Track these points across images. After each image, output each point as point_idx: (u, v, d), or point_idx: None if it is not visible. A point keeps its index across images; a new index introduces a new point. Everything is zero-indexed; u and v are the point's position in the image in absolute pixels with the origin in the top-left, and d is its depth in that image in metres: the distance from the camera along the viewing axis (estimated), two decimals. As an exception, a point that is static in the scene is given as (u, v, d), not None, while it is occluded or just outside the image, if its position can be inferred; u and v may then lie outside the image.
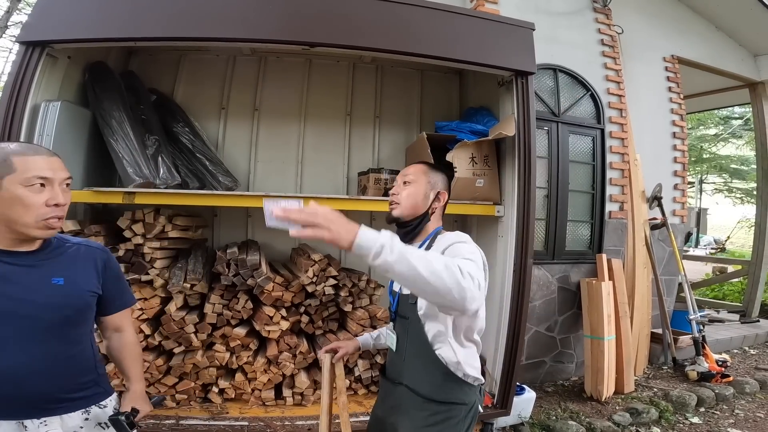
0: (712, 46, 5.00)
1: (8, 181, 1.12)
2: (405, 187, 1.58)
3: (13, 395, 1.14)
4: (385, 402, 1.59)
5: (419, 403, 1.44)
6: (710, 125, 15.53)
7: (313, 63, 3.55)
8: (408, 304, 1.50)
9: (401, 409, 1.48)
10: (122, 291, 1.44)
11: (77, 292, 1.26)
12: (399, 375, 1.53)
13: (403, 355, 1.51)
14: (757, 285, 5.61)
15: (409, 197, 1.55)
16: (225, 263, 2.64)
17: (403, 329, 1.53)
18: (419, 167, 1.63)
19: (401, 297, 1.54)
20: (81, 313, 1.28)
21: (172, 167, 2.84)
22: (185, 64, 3.38)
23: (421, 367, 1.46)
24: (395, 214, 1.57)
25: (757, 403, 3.61)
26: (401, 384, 1.50)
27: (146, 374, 2.50)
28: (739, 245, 16.22)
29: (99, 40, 2.34)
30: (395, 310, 1.56)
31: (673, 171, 4.60)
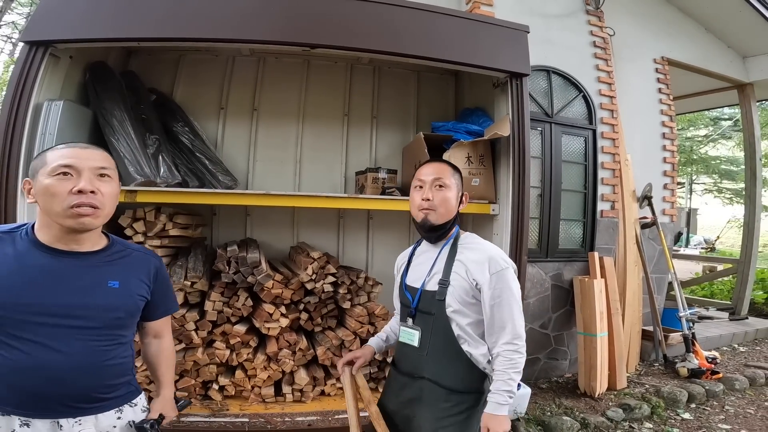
0: (702, 47, 5.09)
1: (41, 174, 1.18)
2: (439, 192, 1.57)
3: (55, 393, 1.16)
4: (399, 396, 1.60)
5: (443, 394, 1.51)
6: (700, 126, 15.75)
7: (311, 64, 3.59)
8: (435, 301, 1.53)
9: (422, 402, 1.54)
10: (168, 298, 1.47)
11: (130, 296, 1.29)
12: (419, 369, 1.55)
13: (426, 350, 1.54)
14: (746, 283, 5.72)
15: (445, 202, 1.57)
16: (225, 261, 2.66)
17: (426, 324, 1.56)
18: (448, 169, 1.62)
19: (424, 293, 1.57)
20: (131, 317, 1.32)
21: (173, 166, 2.86)
22: (185, 64, 3.41)
23: (446, 361, 1.53)
24: (433, 221, 1.57)
25: (747, 400, 3.68)
26: (422, 378, 1.54)
27: (146, 372, 2.47)
28: (728, 245, 16.45)
29: (101, 40, 2.37)
30: (416, 306, 1.58)
31: (663, 171, 4.69)
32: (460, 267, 1.54)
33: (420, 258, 1.67)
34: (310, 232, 3.48)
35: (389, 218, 3.50)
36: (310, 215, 3.48)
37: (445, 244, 1.61)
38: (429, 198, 1.56)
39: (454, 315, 1.51)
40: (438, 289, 1.53)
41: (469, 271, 1.52)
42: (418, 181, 1.61)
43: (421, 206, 1.58)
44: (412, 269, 1.67)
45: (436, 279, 1.56)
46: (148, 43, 2.59)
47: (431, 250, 1.65)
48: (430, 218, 1.57)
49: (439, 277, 1.55)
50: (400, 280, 1.69)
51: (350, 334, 2.83)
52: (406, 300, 1.62)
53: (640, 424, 3.21)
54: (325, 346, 2.83)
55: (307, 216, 3.48)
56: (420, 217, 1.59)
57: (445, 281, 1.53)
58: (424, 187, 1.59)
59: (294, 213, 3.49)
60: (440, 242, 1.62)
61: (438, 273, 1.57)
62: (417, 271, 1.64)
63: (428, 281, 1.58)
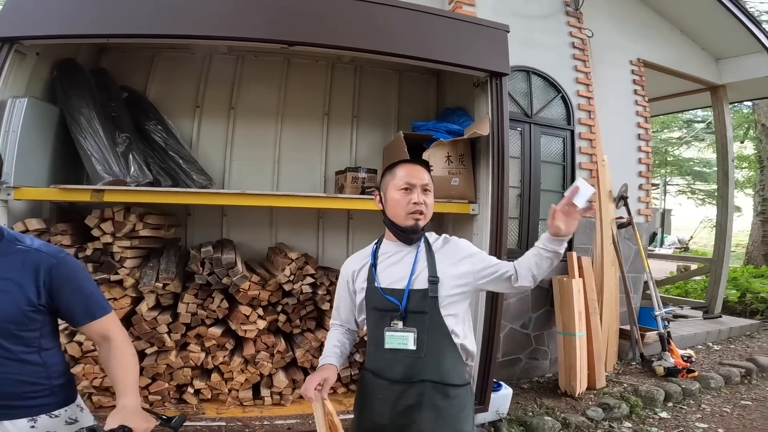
0: (676, 49, 5.20)
1: None
2: (428, 196, 1.59)
3: None
4: (396, 406, 1.51)
5: (444, 392, 1.50)
6: (674, 128, 16.18)
7: (291, 62, 3.54)
8: (427, 299, 1.51)
9: (422, 406, 1.49)
10: (87, 301, 1.30)
11: (12, 301, 1.16)
12: (418, 372, 1.50)
13: (424, 351, 1.51)
14: (719, 282, 5.85)
15: (432, 207, 1.61)
16: (199, 262, 2.61)
17: (420, 325, 1.52)
18: (427, 173, 1.64)
19: (413, 293, 1.53)
20: (17, 324, 1.18)
21: (144, 165, 2.79)
22: (159, 61, 3.31)
23: (443, 358, 1.52)
24: (423, 226, 1.59)
25: (723, 398, 3.74)
26: (422, 381, 1.50)
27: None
28: (701, 245, 16.91)
29: (69, 37, 2.28)
30: (405, 308, 1.52)
31: (638, 171, 4.76)
32: (444, 262, 1.57)
33: (390, 260, 1.61)
34: (289, 233, 3.42)
35: (369, 218, 3.46)
36: (289, 215, 3.42)
37: (420, 243, 1.61)
38: (420, 202, 1.56)
39: (447, 310, 1.52)
40: (429, 287, 1.51)
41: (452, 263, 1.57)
42: (405, 183, 1.57)
43: (412, 210, 1.55)
44: (384, 272, 1.59)
45: (423, 277, 1.53)
46: (120, 40, 2.52)
47: (404, 250, 1.61)
48: (421, 223, 1.57)
49: (427, 274, 1.53)
50: (367, 285, 1.60)
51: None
52: (389, 304, 1.54)
53: (620, 424, 3.24)
54: (304, 348, 2.80)
55: (286, 216, 3.42)
56: (410, 221, 1.56)
57: (434, 278, 1.52)
58: (413, 190, 1.56)
59: (272, 213, 3.42)
60: (415, 242, 1.61)
61: (423, 271, 1.54)
62: (393, 274, 1.58)
63: (414, 280, 1.54)
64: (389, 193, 1.60)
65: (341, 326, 1.74)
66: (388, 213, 1.61)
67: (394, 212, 1.58)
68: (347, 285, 1.68)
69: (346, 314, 1.72)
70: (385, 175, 1.66)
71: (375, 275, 1.58)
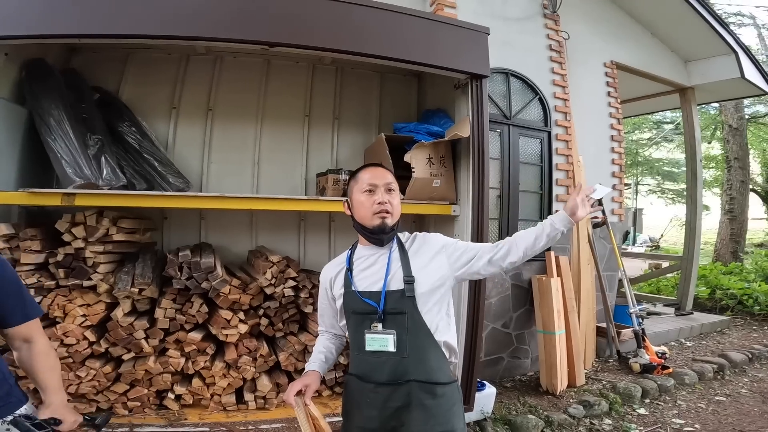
0: (648, 52, 5.33)
1: None
2: (392, 196, 1.62)
3: None
4: (385, 409, 1.50)
5: (432, 392, 1.50)
6: (644, 129, 16.67)
7: (271, 63, 3.49)
8: (405, 299, 1.51)
9: (410, 407, 1.49)
10: (18, 304, 1.35)
11: None
12: (403, 373, 1.51)
13: (406, 351, 1.51)
14: (689, 279, 6.02)
15: (398, 206, 1.63)
16: (177, 266, 2.56)
17: (400, 326, 1.52)
18: (390, 174, 1.67)
19: (389, 294, 1.53)
20: None
21: (117, 168, 2.70)
22: (133, 62, 3.22)
23: (427, 358, 1.52)
24: (390, 224, 1.60)
25: (697, 394, 3.84)
26: (408, 381, 1.50)
27: (93, 382, 2.40)
28: (671, 243, 17.46)
29: (39, 37, 2.18)
30: (384, 309, 1.52)
31: (612, 172, 4.87)
32: (418, 260, 1.58)
33: (365, 263, 1.62)
34: (270, 236, 3.37)
35: (351, 221, 3.44)
36: (270, 218, 3.37)
37: (393, 244, 1.62)
38: (385, 201, 1.58)
39: (426, 307, 1.53)
40: (405, 287, 1.52)
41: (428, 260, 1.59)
42: (368, 185, 1.60)
43: (377, 210, 1.57)
44: (359, 276, 1.60)
45: (398, 277, 1.54)
46: (91, 40, 2.43)
47: (378, 252, 1.62)
48: (388, 221, 1.58)
49: (402, 274, 1.54)
50: (344, 290, 1.61)
51: (313, 338, 2.77)
52: (367, 307, 1.55)
53: (600, 421, 3.30)
54: (287, 352, 2.77)
55: (267, 219, 3.37)
56: (376, 221, 1.58)
57: (409, 277, 1.53)
58: (376, 191, 1.59)
59: (252, 216, 3.37)
60: (388, 243, 1.62)
61: (398, 271, 1.55)
62: (368, 277, 1.59)
63: (390, 281, 1.55)
64: (354, 196, 1.63)
65: (327, 332, 1.77)
66: (356, 217, 1.64)
67: (361, 214, 1.61)
68: (326, 292, 1.71)
69: (330, 320, 1.74)
70: (350, 182, 1.69)
71: (351, 280, 1.60)
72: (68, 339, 2.37)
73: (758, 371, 4.40)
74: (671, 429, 3.20)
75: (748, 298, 6.52)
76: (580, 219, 1.58)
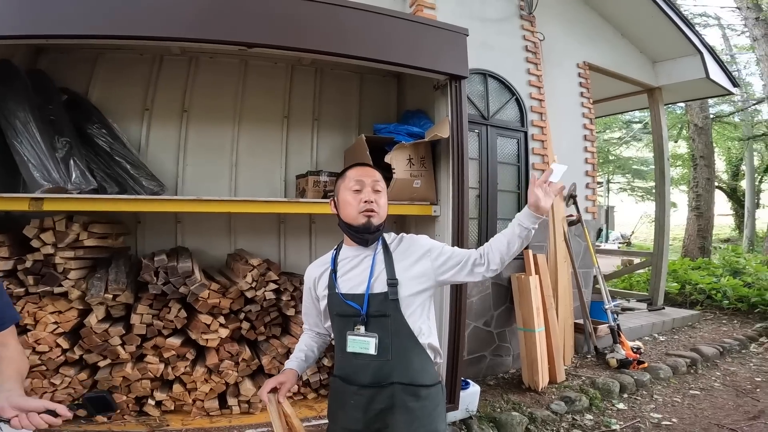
0: (618, 53, 5.46)
1: None
2: (379, 195, 1.60)
3: None
4: (368, 411, 1.50)
5: (415, 394, 1.50)
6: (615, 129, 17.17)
7: (249, 64, 3.42)
8: (387, 301, 1.51)
9: (394, 409, 1.49)
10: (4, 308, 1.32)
11: None
12: (386, 376, 1.50)
13: (389, 354, 1.50)
14: (659, 275, 6.19)
15: (384, 206, 1.62)
16: (153, 271, 2.50)
17: (383, 328, 1.51)
18: (378, 173, 1.66)
19: (372, 297, 1.52)
20: None
21: (87, 171, 2.61)
22: (103, 63, 3.11)
23: (412, 359, 1.52)
24: (376, 223, 1.58)
25: (672, 388, 3.95)
26: (392, 384, 1.49)
27: (68, 389, 2.35)
28: (642, 239, 18.02)
29: (4, 38, 2.07)
30: (366, 312, 1.51)
31: (585, 171, 4.99)
32: (402, 261, 1.57)
33: (349, 264, 1.61)
34: (249, 239, 3.31)
35: (333, 222, 3.36)
36: (249, 221, 3.31)
37: (377, 245, 1.61)
38: (372, 200, 1.57)
39: (410, 310, 1.52)
40: (389, 289, 1.51)
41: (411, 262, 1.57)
42: (355, 183, 1.59)
43: (363, 208, 1.56)
44: (343, 278, 1.59)
45: (382, 279, 1.53)
46: (59, 41, 2.33)
47: (362, 254, 1.61)
48: (374, 220, 1.57)
49: (385, 277, 1.53)
50: (328, 292, 1.60)
51: (296, 341, 2.68)
52: (350, 310, 1.54)
53: (582, 416, 3.36)
54: (270, 355, 2.75)
55: (245, 222, 3.32)
56: (362, 219, 1.57)
57: (393, 280, 1.52)
58: (363, 189, 1.58)
59: (230, 219, 3.31)
60: (372, 244, 1.61)
61: (382, 273, 1.54)
62: (352, 278, 1.58)
63: (374, 284, 1.54)
64: (341, 195, 1.63)
65: (310, 330, 1.77)
66: (342, 215, 1.63)
67: (346, 213, 1.60)
68: (310, 292, 1.70)
69: (314, 320, 1.74)
70: (337, 181, 1.68)
71: (335, 281, 1.59)
72: (40, 347, 2.30)
73: (729, 365, 4.53)
74: (650, 423, 3.28)
75: (716, 293, 6.75)
76: (546, 210, 1.53)
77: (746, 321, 6.02)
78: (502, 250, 1.55)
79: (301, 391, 2.85)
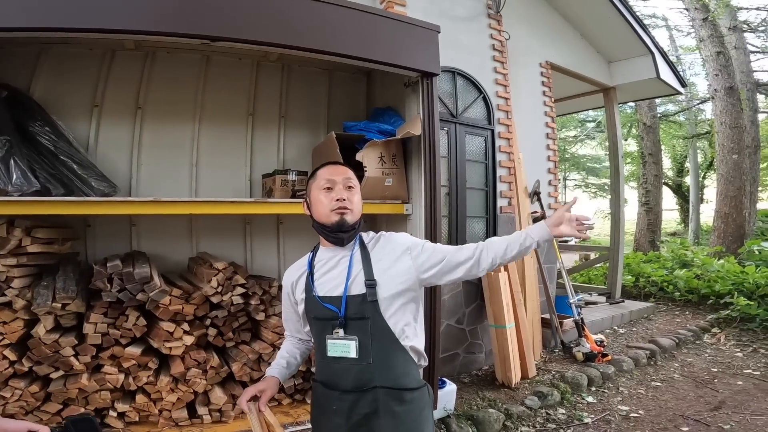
0: (577, 53, 5.62)
1: None
2: (352, 192, 1.55)
3: None
4: (352, 416, 1.45)
5: (399, 397, 1.45)
6: (570, 128, 17.82)
7: (211, 60, 3.24)
8: (366, 303, 1.44)
9: (378, 414, 1.44)
10: None
11: None
12: (368, 380, 1.45)
13: (370, 357, 1.44)
14: (616, 269, 6.41)
15: (358, 203, 1.57)
16: (106, 278, 2.32)
17: (362, 332, 1.45)
18: (350, 170, 1.60)
19: (350, 299, 1.46)
20: None
21: (29, 171, 2.38)
22: (47, 57, 2.85)
23: (393, 363, 1.46)
24: (350, 221, 1.52)
25: (636, 380, 4.08)
26: (374, 388, 1.44)
27: (20, 402, 2.18)
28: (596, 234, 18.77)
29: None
30: (345, 315, 1.45)
31: (547, 168, 5.09)
32: (380, 261, 1.51)
33: (326, 266, 1.55)
34: (213, 242, 3.14)
35: (301, 222, 3.27)
36: (212, 223, 3.14)
37: (354, 245, 1.56)
38: (345, 197, 1.52)
39: (391, 311, 1.46)
40: (367, 291, 1.45)
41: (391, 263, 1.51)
42: (326, 181, 1.54)
43: (335, 207, 1.51)
44: (320, 280, 1.53)
45: (360, 281, 1.47)
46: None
47: (339, 255, 1.55)
48: (347, 218, 1.51)
49: (363, 278, 1.47)
50: (305, 296, 1.54)
51: (268, 346, 2.66)
52: (327, 313, 1.48)
53: (555, 411, 3.41)
54: (241, 362, 2.63)
55: (208, 224, 3.14)
56: (334, 218, 1.51)
57: (371, 280, 1.46)
58: (334, 187, 1.53)
59: (192, 221, 3.12)
60: (349, 244, 1.56)
61: (359, 274, 1.48)
62: (329, 280, 1.52)
63: (351, 285, 1.48)
64: (312, 195, 1.57)
65: (292, 337, 1.71)
66: (314, 215, 1.57)
67: (319, 213, 1.54)
68: (289, 297, 1.64)
69: (294, 325, 1.68)
70: (308, 181, 1.63)
71: (312, 284, 1.53)
72: (-15, 359, 2.09)
73: (686, 356, 4.74)
74: (618, 416, 3.37)
75: (668, 285, 7.08)
76: (561, 235, 1.50)
77: (698, 312, 6.32)
78: (499, 251, 1.51)
79: (275, 397, 2.74)
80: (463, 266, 1.52)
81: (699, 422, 3.24)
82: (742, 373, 4.21)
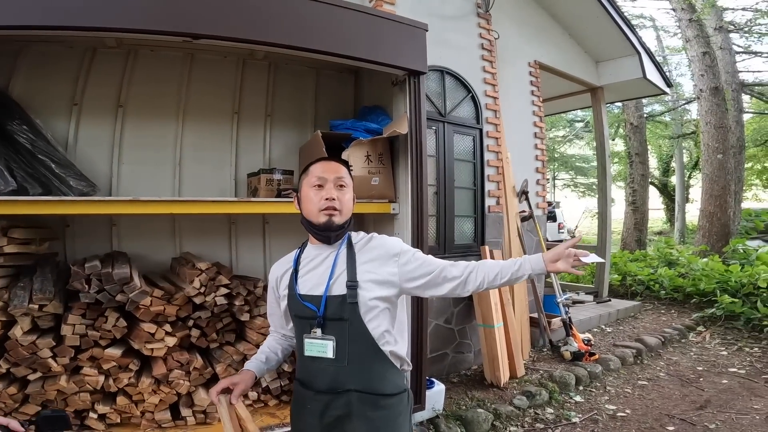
0: (565, 52, 5.64)
1: None
2: (342, 192, 1.52)
3: None
4: (324, 417, 1.43)
5: (374, 402, 1.42)
6: (559, 127, 17.96)
7: (195, 58, 3.18)
8: (346, 305, 1.42)
9: (351, 417, 1.42)
10: None
11: None
12: (342, 382, 1.43)
13: (346, 359, 1.42)
14: (603, 268, 6.48)
15: (348, 203, 1.55)
16: (84, 279, 2.26)
17: (340, 332, 1.43)
18: (345, 168, 1.58)
19: (330, 299, 1.43)
20: None
21: (5, 170, 2.33)
22: (27, 55, 2.77)
23: (371, 366, 1.44)
24: (338, 222, 1.50)
25: (623, 379, 4.10)
26: (348, 391, 1.42)
27: None
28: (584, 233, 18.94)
29: None
30: (323, 315, 1.43)
31: (536, 168, 5.11)
32: (366, 263, 1.49)
33: (311, 264, 1.53)
34: (196, 242, 3.09)
35: (287, 222, 3.25)
36: (195, 222, 3.09)
37: (341, 244, 1.53)
38: (334, 197, 1.49)
39: (370, 315, 1.43)
40: (347, 292, 1.43)
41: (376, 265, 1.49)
42: (317, 179, 1.51)
43: (324, 206, 1.48)
44: (303, 278, 1.51)
45: (341, 281, 1.45)
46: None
47: (324, 253, 1.53)
48: (335, 219, 1.49)
49: (345, 279, 1.45)
50: (288, 293, 1.52)
51: (252, 347, 2.61)
52: (307, 311, 1.46)
53: (543, 410, 3.41)
54: (225, 363, 2.59)
55: (192, 223, 3.09)
56: (323, 218, 1.48)
57: (353, 282, 1.44)
58: (325, 185, 1.51)
59: (175, 221, 3.07)
60: (336, 242, 1.54)
61: (342, 275, 1.46)
62: (312, 279, 1.50)
63: (332, 285, 1.45)
64: (303, 191, 1.55)
65: (276, 332, 1.69)
66: (304, 212, 1.55)
67: (308, 210, 1.52)
68: (273, 292, 1.62)
69: (278, 320, 1.66)
70: (301, 176, 1.60)
71: (295, 282, 1.51)
72: (-38, 360, 2.04)
73: (672, 354, 4.78)
74: (606, 415, 3.38)
75: (654, 284, 7.13)
76: (557, 271, 1.48)
77: (683, 310, 6.37)
78: (488, 276, 1.49)
79: (261, 398, 2.71)
80: (450, 284, 1.50)
81: (685, 421, 3.26)
82: (727, 371, 4.24)
